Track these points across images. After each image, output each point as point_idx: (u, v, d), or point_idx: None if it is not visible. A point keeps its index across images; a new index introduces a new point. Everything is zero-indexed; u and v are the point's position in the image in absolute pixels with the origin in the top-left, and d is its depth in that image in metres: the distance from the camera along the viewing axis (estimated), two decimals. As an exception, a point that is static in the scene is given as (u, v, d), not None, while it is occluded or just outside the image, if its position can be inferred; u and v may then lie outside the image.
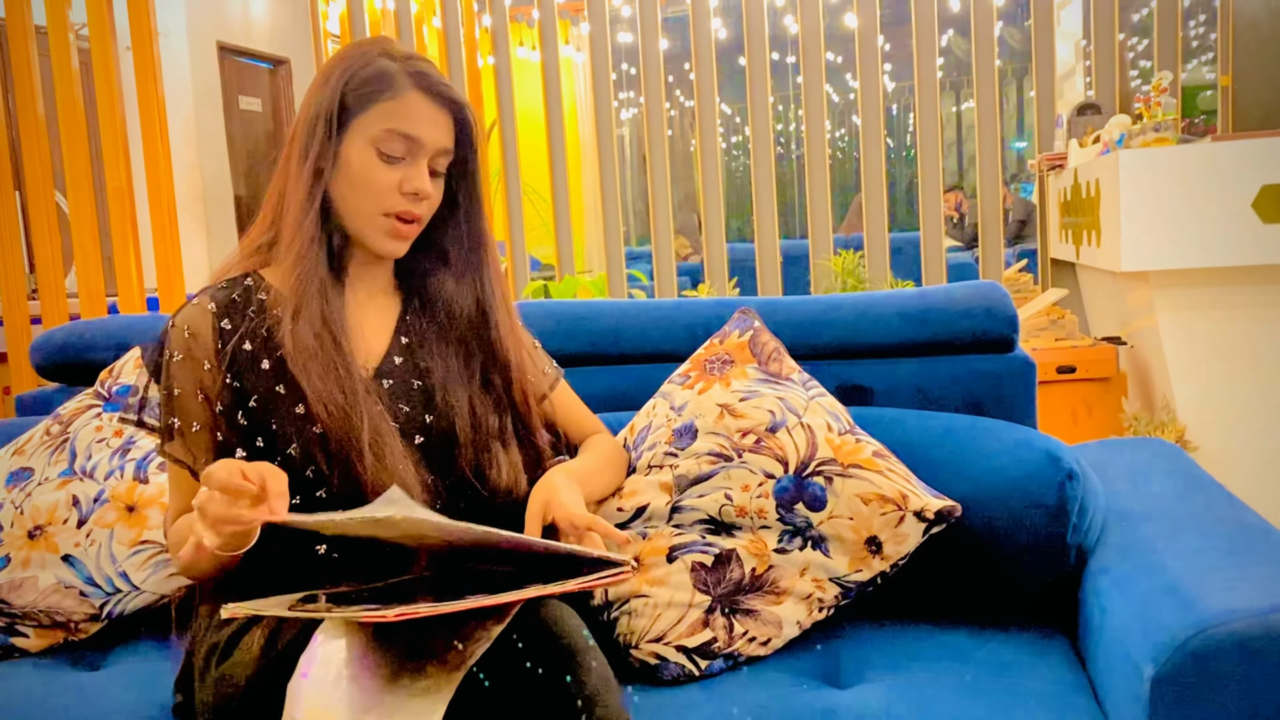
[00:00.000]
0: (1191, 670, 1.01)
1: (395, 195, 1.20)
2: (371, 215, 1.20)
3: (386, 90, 1.19)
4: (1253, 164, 2.58)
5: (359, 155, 1.19)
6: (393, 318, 1.29)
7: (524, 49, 6.83)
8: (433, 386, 1.25)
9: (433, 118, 1.21)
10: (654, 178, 4.46)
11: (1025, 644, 1.34)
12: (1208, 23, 4.44)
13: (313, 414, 1.16)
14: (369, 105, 1.19)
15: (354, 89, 1.20)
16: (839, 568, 1.35)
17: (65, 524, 1.51)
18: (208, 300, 1.23)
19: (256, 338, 1.20)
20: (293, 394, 1.18)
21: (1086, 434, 3.05)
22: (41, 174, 3.24)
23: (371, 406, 1.18)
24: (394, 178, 1.19)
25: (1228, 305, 2.72)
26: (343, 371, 1.18)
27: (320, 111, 1.20)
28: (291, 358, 1.17)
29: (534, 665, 0.99)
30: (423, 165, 1.21)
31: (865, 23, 4.19)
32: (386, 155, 1.19)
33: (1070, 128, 3.77)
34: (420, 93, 1.20)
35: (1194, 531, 1.30)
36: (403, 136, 1.19)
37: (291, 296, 1.18)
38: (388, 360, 1.26)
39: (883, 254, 4.25)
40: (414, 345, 1.28)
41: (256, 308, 1.22)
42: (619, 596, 1.36)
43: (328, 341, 1.18)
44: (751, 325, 1.54)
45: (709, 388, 1.46)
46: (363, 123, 1.19)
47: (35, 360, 1.85)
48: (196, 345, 1.20)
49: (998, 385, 1.59)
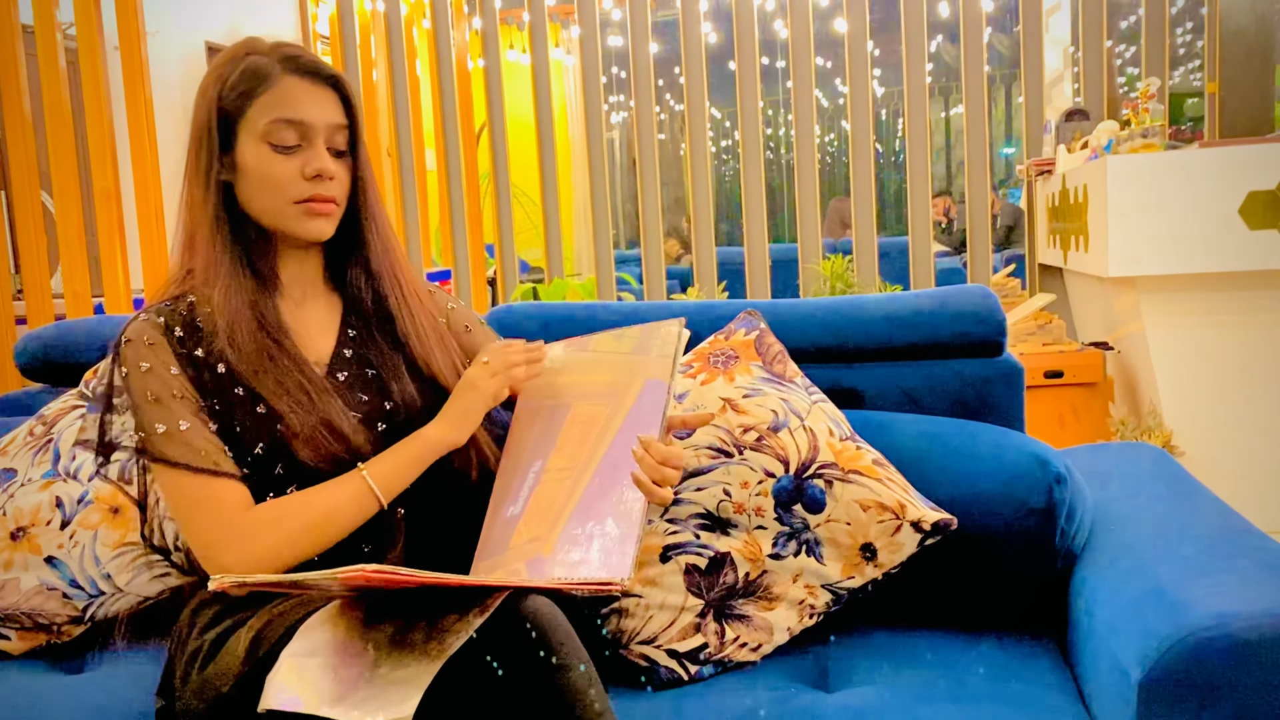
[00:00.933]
0: (1179, 674, 1.01)
1: (299, 183, 1.18)
2: (283, 208, 1.19)
3: (260, 83, 1.18)
4: (1239, 170, 2.60)
5: (253, 154, 1.18)
6: (336, 313, 1.29)
7: (514, 52, 6.82)
8: (385, 374, 1.26)
9: (315, 97, 1.19)
10: (644, 181, 4.46)
11: (1013, 647, 1.34)
12: (1195, 30, 4.47)
13: (275, 412, 1.16)
14: (249, 103, 1.18)
15: (229, 93, 1.18)
16: (832, 574, 1.35)
17: (48, 525, 1.50)
18: (154, 315, 1.22)
19: (206, 348, 1.20)
20: (252, 396, 1.18)
21: (1074, 438, 3.06)
22: (27, 173, 3.22)
23: (330, 402, 1.19)
24: (293, 166, 1.18)
25: (1214, 311, 2.73)
26: (296, 370, 1.18)
27: (202, 127, 1.19)
28: (239, 370, 1.17)
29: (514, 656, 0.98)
30: (319, 146, 1.19)
31: (855, 28, 4.20)
32: (280, 146, 1.18)
33: (1058, 133, 3.79)
34: (294, 76, 1.18)
35: (1181, 536, 1.30)
36: (289, 123, 1.18)
37: (225, 315, 1.18)
38: (337, 355, 1.26)
39: (871, 258, 4.26)
40: (361, 337, 1.28)
41: (202, 319, 1.21)
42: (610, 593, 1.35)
43: (271, 347, 1.18)
44: (757, 326, 1.54)
45: (712, 380, 1.46)
46: (248, 122, 1.18)
47: (19, 360, 1.84)
48: (158, 352, 1.19)
49: (986, 389, 1.60)
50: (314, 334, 1.26)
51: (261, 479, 1.18)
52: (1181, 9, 4.44)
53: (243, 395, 1.18)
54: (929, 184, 4.24)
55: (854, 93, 4.23)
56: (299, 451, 1.16)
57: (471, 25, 4.95)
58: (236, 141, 1.19)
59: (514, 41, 6.89)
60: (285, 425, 1.16)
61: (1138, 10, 4.09)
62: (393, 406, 1.24)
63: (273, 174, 1.18)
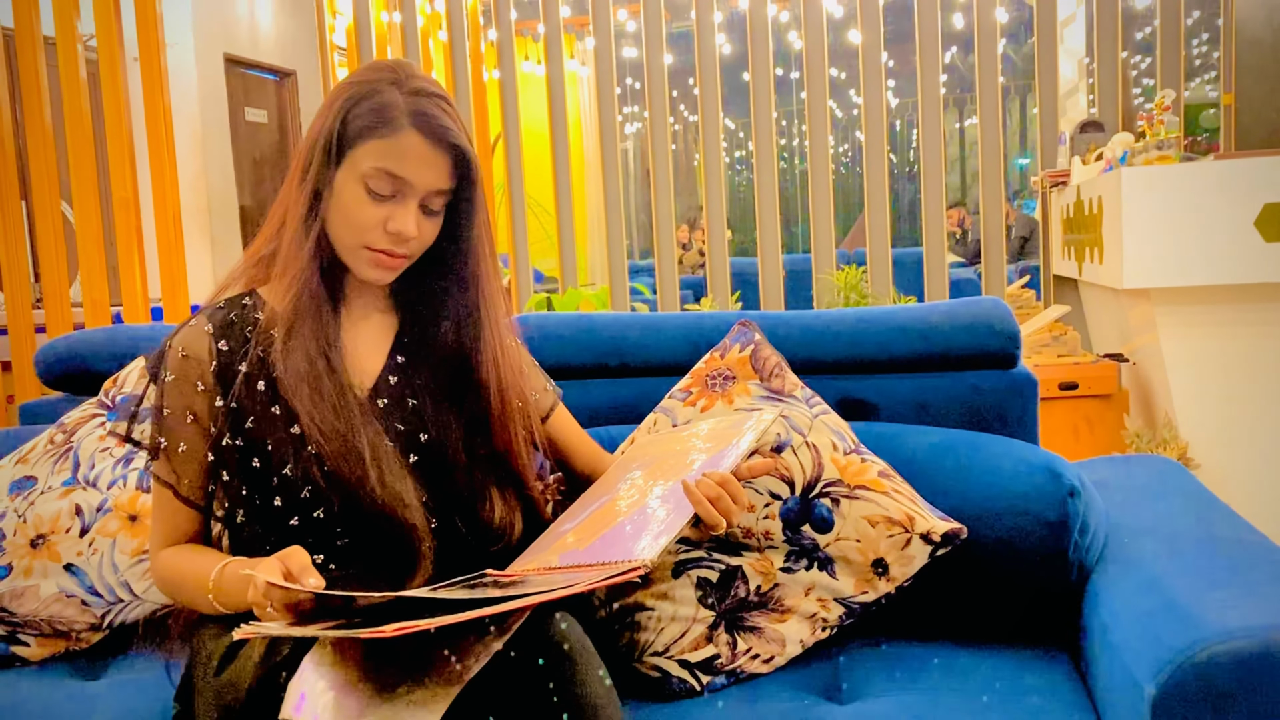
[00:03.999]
0: (1193, 688, 1.01)
1: (378, 233, 1.17)
2: (355, 248, 1.19)
3: (384, 126, 1.15)
4: (1255, 182, 2.59)
5: (349, 188, 1.17)
6: (389, 336, 1.28)
7: (529, 63, 6.85)
8: (426, 406, 1.24)
9: (427, 159, 1.16)
10: (657, 191, 4.47)
11: (1026, 660, 1.34)
12: (1211, 41, 4.46)
13: (306, 435, 1.16)
14: (365, 139, 1.16)
15: (354, 119, 1.17)
16: (845, 589, 1.35)
17: (68, 533, 1.52)
18: (205, 321, 1.23)
19: (252, 359, 1.20)
20: (288, 415, 1.18)
21: (1088, 450, 3.05)
22: (48, 183, 3.25)
23: (368, 427, 1.18)
24: (379, 215, 1.16)
25: (1230, 323, 2.72)
26: (336, 393, 1.17)
27: (320, 136, 1.19)
28: (283, 381, 1.17)
29: (532, 670, 0.99)
30: (411, 205, 1.17)
31: (869, 39, 4.21)
32: (374, 193, 1.16)
33: (1073, 145, 3.78)
34: (418, 133, 1.15)
35: (1195, 549, 1.30)
36: (391, 176, 1.15)
37: (286, 315, 1.18)
38: (383, 379, 1.25)
39: (885, 269, 4.26)
40: (410, 363, 1.26)
41: (253, 327, 1.22)
42: (623, 607, 1.36)
43: (320, 363, 1.17)
44: (752, 339, 1.54)
45: (711, 405, 1.46)
46: (357, 155, 1.16)
47: (39, 369, 1.86)
48: (191, 368, 1.20)
49: (1000, 401, 1.60)
50: (364, 354, 1.25)
51: (288, 501, 1.18)
52: (1197, 20, 4.44)
53: (279, 415, 1.18)
54: (943, 195, 4.24)
55: (868, 104, 4.23)
56: (325, 476, 1.16)
57: (487, 37, 4.98)
58: (342, 164, 1.17)
59: (529, 53, 6.92)
60: (315, 448, 1.16)
61: (1153, 21, 4.08)
62: (428, 439, 1.23)
63: (358, 215, 1.17)
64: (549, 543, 1.18)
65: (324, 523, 1.18)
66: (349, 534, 1.18)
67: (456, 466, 1.23)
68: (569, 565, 1.06)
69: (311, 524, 1.18)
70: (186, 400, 1.20)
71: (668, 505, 1.10)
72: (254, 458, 1.19)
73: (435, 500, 1.22)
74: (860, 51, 4.23)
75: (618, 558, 1.02)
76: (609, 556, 1.03)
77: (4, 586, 1.49)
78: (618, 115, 4.56)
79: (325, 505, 1.17)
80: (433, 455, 1.23)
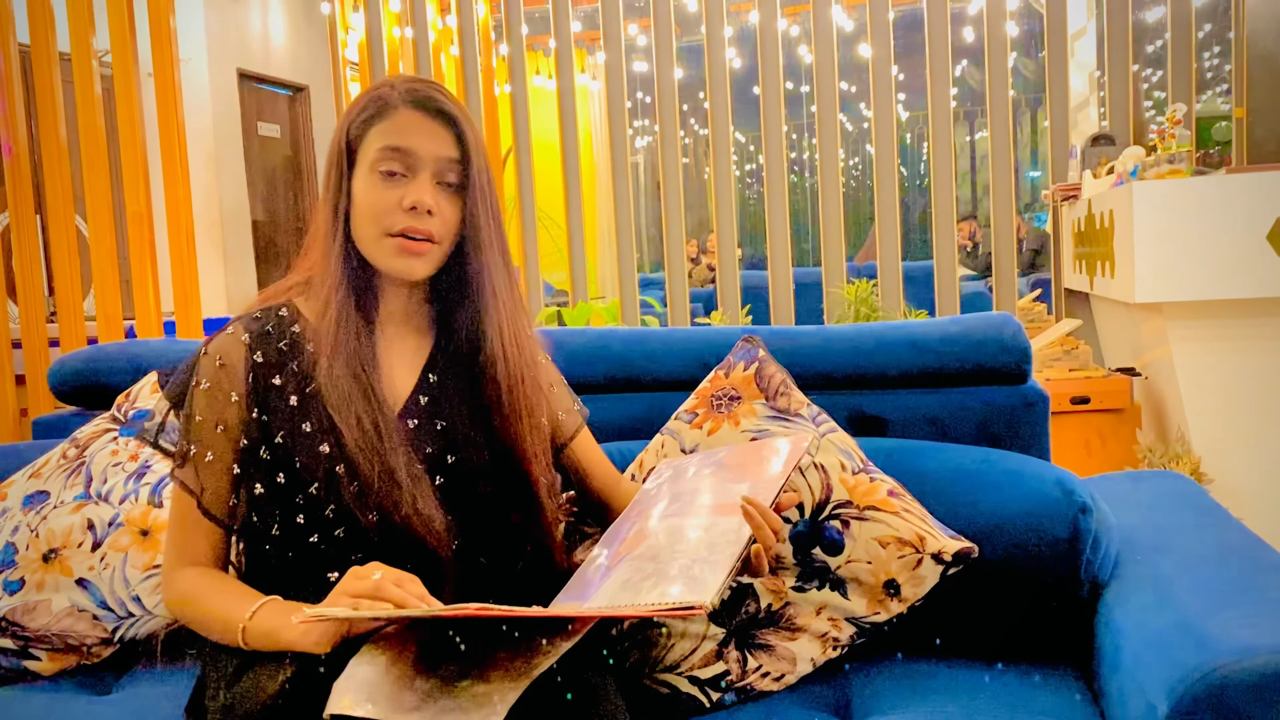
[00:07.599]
0: (1206, 707, 1.00)
1: (397, 213, 1.17)
2: (378, 238, 1.18)
3: (381, 113, 1.19)
4: (1267, 196, 2.58)
5: (364, 182, 1.19)
6: (422, 356, 1.27)
7: (540, 77, 6.89)
8: (456, 428, 1.23)
9: (428, 129, 1.18)
10: (668, 205, 4.48)
11: (1037, 678, 1.33)
12: (1222, 54, 4.45)
13: (346, 453, 1.15)
14: (367, 131, 1.19)
15: (354, 122, 1.21)
16: (856, 609, 1.34)
17: (80, 547, 1.52)
18: (242, 330, 1.22)
19: (287, 372, 1.20)
20: (318, 431, 1.17)
21: (1100, 466, 3.03)
22: (62, 198, 3.28)
23: (400, 448, 1.18)
24: (394, 196, 1.17)
25: (1242, 337, 2.71)
26: (375, 413, 1.17)
27: (333, 154, 1.22)
28: (327, 398, 1.16)
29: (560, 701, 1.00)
30: (424, 179, 1.18)
31: (879, 53, 4.22)
32: (386, 173, 1.18)
33: (1084, 158, 3.78)
34: (411, 107, 1.18)
35: (1209, 566, 1.29)
36: (396, 151, 1.17)
37: (328, 336, 1.18)
38: (413, 400, 1.24)
39: (896, 283, 4.26)
40: (441, 384, 1.26)
41: (290, 341, 1.22)
42: (634, 623, 1.35)
43: (363, 381, 1.17)
44: (756, 356, 1.53)
45: (718, 428, 1.45)
46: (364, 152, 1.19)
47: (53, 383, 1.86)
48: (226, 376, 1.20)
49: (1011, 417, 1.59)
50: (396, 374, 1.25)
51: (310, 518, 1.17)
52: (1209, 33, 4.43)
53: (309, 431, 1.18)
54: (954, 208, 4.24)
55: (878, 117, 4.24)
56: (354, 496, 1.15)
57: (498, 52, 5.01)
58: (354, 167, 1.20)
59: (540, 67, 6.96)
60: (345, 467, 1.15)
61: (1164, 34, 4.08)
62: (455, 461, 1.23)
63: (374, 201, 1.18)
64: (593, 578, 1.15)
65: (344, 541, 1.17)
66: (370, 554, 1.17)
67: (480, 490, 1.23)
68: (626, 610, 1.03)
69: (332, 542, 1.17)
70: (218, 410, 1.19)
71: (713, 532, 1.09)
72: (280, 473, 1.18)
73: (458, 523, 1.21)
74: (870, 65, 4.24)
75: (669, 596, 1.00)
76: (660, 589, 1.02)
77: (16, 601, 1.50)
78: (628, 129, 4.57)
79: (348, 524, 1.17)
80: (458, 478, 1.22)
